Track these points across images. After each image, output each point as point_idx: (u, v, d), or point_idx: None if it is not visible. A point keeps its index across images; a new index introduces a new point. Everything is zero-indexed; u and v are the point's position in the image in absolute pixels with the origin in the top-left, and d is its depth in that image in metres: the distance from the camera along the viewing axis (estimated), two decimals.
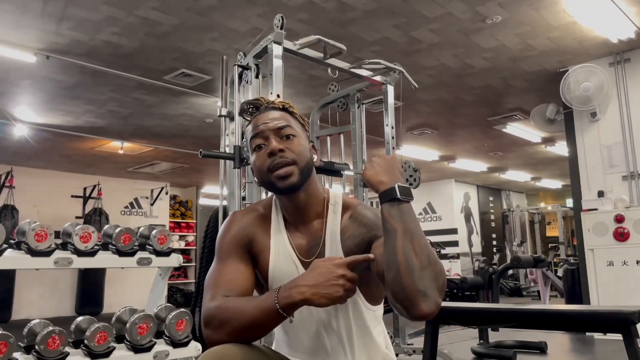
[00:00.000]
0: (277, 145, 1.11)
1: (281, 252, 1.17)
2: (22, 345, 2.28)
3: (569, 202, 10.54)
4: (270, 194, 1.24)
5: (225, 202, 2.56)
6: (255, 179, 1.18)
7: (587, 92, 4.55)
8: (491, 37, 4.20)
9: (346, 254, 1.12)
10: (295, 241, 1.18)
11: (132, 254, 2.62)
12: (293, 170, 1.10)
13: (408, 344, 3.30)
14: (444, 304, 1.42)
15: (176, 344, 2.58)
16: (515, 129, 6.90)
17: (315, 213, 1.18)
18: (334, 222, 1.17)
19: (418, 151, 7.91)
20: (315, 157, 1.19)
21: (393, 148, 3.17)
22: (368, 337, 1.17)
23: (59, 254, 2.39)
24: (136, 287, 8.20)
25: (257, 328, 1.01)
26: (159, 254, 2.70)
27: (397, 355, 2.59)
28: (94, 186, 8.54)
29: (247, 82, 2.68)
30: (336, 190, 1.24)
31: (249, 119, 1.21)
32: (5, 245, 2.26)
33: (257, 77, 2.64)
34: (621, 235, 4.27)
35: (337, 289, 0.97)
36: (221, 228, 1.22)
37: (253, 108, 1.21)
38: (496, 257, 10.80)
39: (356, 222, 1.16)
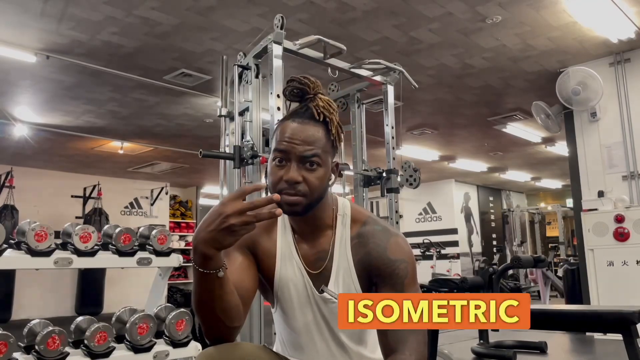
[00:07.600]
0: (295, 177, 1.08)
1: (287, 261, 1.16)
2: (22, 345, 2.28)
3: (569, 202, 10.53)
4: None
5: None
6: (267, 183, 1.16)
7: (577, 95, 4.56)
8: (491, 37, 4.20)
9: (357, 269, 1.13)
10: (302, 251, 1.17)
11: (132, 254, 2.62)
12: (301, 202, 1.08)
13: None
14: None
15: (176, 344, 2.58)
16: (515, 129, 6.90)
17: (324, 224, 1.17)
18: (342, 235, 1.16)
19: (418, 151, 7.91)
20: (332, 179, 1.16)
21: (393, 148, 3.17)
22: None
23: (59, 254, 2.39)
24: (136, 287, 8.18)
25: (203, 299, 0.99)
26: (159, 254, 2.70)
27: None
28: (94, 186, 8.53)
29: (247, 82, 2.68)
30: (344, 200, 1.21)
31: (290, 100, 1.17)
32: (5, 245, 2.26)
33: (257, 77, 2.65)
34: (621, 235, 4.27)
35: (223, 234, 0.91)
36: None
37: (298, 92, 1.15)
38: (496, 257, 10.78)
39: (365, 247, 1.14)
